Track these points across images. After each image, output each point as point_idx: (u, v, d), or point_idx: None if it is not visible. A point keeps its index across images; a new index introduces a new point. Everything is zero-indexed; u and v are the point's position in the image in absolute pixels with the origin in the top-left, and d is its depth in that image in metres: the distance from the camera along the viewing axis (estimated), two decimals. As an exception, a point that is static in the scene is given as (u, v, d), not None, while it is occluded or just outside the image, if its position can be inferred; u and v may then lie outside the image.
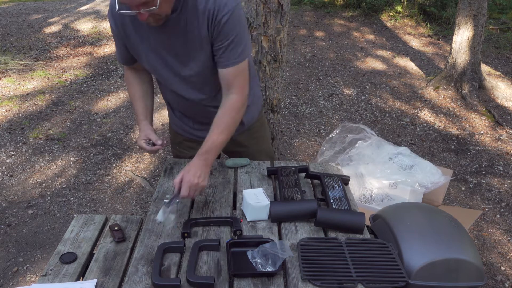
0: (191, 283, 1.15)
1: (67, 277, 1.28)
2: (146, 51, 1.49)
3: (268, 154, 1.95)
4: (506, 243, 2.67)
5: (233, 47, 1.43)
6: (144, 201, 2.99)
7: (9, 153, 3.53)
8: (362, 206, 2.26)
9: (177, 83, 1.55)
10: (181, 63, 1.49)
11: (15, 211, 2.87)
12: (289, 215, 1.44)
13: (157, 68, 1.53)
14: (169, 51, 1.47)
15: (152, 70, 1.56)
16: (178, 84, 1.56)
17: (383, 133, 3.99)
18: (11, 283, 2.30)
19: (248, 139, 1.84)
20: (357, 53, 6.19)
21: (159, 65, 1.51)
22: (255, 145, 1.89)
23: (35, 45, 6.24)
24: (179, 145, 1.87)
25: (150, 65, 1.54)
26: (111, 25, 1.49)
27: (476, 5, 4.46)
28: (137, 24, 1.43)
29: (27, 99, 4.50)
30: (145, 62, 1.53)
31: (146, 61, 1.53)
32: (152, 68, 1.54)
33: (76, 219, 1.57)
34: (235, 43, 1.42)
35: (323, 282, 1.18)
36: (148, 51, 1.48)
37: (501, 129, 4.05)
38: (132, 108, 4.39)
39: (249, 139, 1.84)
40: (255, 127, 1.85)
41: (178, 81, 1.55)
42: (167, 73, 1.53)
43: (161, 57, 1.49)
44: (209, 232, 1.39)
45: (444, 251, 1.34)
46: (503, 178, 3.33)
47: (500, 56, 6.08)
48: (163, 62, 1.50)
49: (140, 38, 1.46)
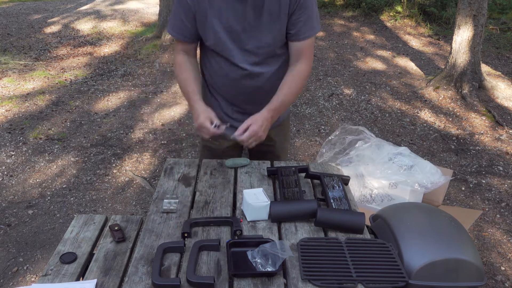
0: (191, 283, 1.15)
1: (67, 277, 1.28)
2: (214, 22, 1.50)
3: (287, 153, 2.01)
4: (506, 243, 2.67)
5: (309, 21, 1.52)
6: (144, 201, 2.99)
7: (9, 153, 3.53)
8: (362, 206, 2.26)
9: (239, 53, 1.56)
10: (250, 36, 1.52)
11: (15, 211, 2.87)
12: (289, 215, 1.44)
13: (222, 39, 1.53)
14: (240, 22, 1.49)
15: (215, 41, 1.55)
16: (240, 55, 1.56)
17: (383, 133, 3.99)
18: (11, 283, 2.30)
19: (277, 135, 1.86)
20: (357, 53, 6.19)
21: (224, 36, 1.52)
22: (281, 142, 1.93)
23: (35, 45, 6.24)
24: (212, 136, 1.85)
25: (214, 36, 1.53)
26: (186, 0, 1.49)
27: (476, 5, 4.46)
28: None
29: (27, 99, 4.50)
30: (209, 34, 1.53)
31: (211, 33, 1.52)
32: (215, 38, 1.53)
33: (76, 219, 1.57)
34: (311, 17, 1.52)
35: (323, 282, 1.18)
36: (216, 22, 1.50)
37: (501, 129, 4.05)
38: (131, 108, 4.39)
39: (278, 135, 1.87)
40: (285, 123, 1.91)
41: (241, 52, 1.56)
42: (231, 43, 1.54)
43: (229, 27, 1.50)
44: (209, 232, 1.39)
45: (444, 251, 1.34)
46: (503, 178, 3.34)
47: (500, 56, 6.08)
48: (230, 33, 1.52)
49: (212, 9, 1.48)
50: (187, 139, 3.83)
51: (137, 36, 6.70)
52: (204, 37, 1.58)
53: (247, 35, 1.53)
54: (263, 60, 1.59)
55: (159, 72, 5.41)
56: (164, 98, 4.67)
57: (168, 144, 3.73)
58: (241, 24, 1.50)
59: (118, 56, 5.91)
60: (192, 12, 1.52)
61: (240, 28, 1.51)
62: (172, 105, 4.51)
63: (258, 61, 1.59)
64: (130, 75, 5.27)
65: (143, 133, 3.92)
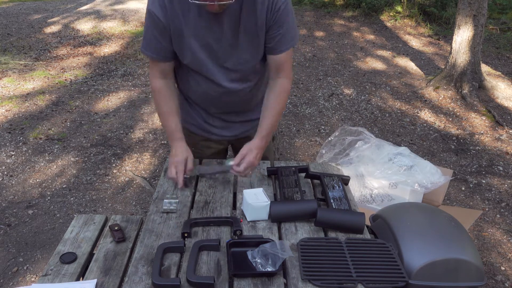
0: (191, 283, 1.15)
1: (67, 277, 1.28)
2: (191, 41, 1.47)
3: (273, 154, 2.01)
4: (506, 243, 2.67)
5: (287, 34, 1.50)
6: (144, 201, 2.99)
7: (9, 153, 3.53)
8: (362, 206, 2.26)
9: (218, 71, 1.54)
10: (229, 54, 1.50)
11: (15, 211, 2.87)
12: (289, 215, 1.44)
13: (200, 57, 1.50)
14: (218, 40, 1.47)
15: (192, 59, 1.52)
16: (219, 73, 1.55)
17: (383, 133, 3.99)
18: (11, 283, 2.30)
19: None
20: (357, 53, 6.19)
21: (202, 54, 1.50)
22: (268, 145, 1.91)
23: (35, 45, 6.24)
24: (195, 146, 1.83)
25: (191, 55, 1.50)
26: (157, 17, 1.44)
27: (476, 5, 4.46)
28: (187, 16, 1.43)
29: (27, 99, 4.50)
30: (186, 52, 1.50)
31: (188, 52, 1.50)
32: (193, 57, 1.51)
33: (76, 219, 1.57)
34: (289, 30, 1.50)
35: (323, 282, 1.18)
36: (193, 41, 1.47)
37: (501, 129, 4.05)
38: (131, 108, 4.39)
39: None
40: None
41: (220, 70, 1.54)
42: (209, 62, 1.52)
43: (207, 46, 1.48)
44: (209, 232, 1.39)
45: (444, 251, 1.34)
46: (503, 178, 3.33)
47: (500, 56, 6.08)
48: (208, 51, 1.50)
49: (188, 28, 1.45)
50: (187, 139, 3.83)
51: (137, 36, 6.70)
52: (181, 56, 1.53)
53: (225, 53, 1.50)
54: (242, 76, 1.58)
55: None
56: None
57: (168, 144, 3.73)
58: (219, 43, 1.48)
59: (118, 56, 5.91)
60: (167, 30, 1.46)
61: (218, 46, 1.48)
62: (172, 105, 4.50)
63: (237, 77, 1.57)
64: (130, 75, 5.27)
65: (143, 133, 3.92)
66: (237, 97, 1.63)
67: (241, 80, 1.59)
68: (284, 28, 1.48)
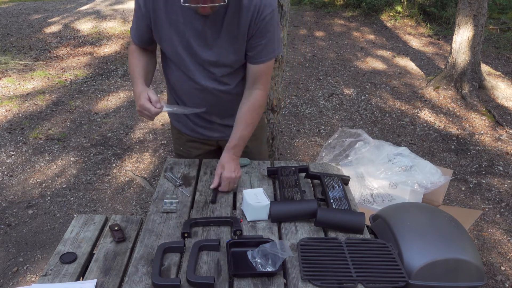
0: (191, 283, 1.15)
1: (67, 277, 1.27)
2: (171, 35, 1.48)
3: (266, 155, 1.98)
4: (506, 243, 2.67)
5: (269, 45, 1.49)
6: (144, 201, 2.99)
7: (9, 153, 3.53)
8: (362, 206, 2.26)
9: (196, 69, 1.55)
10: (206, 51, 1.50)
11: (15, 211, 2.87)
12: (289, 215, 1.44)
13: (179, 52, 1.51)
14: (197, 38, 1.47)
15: (172, 53, 1.54)
16: (196, 70, 1.55)
17: (383, 133, 3.99)
18: (11, 283, 2.30)
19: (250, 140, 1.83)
20: (357, 53, 6.19)
21: (181, 50, 1.51)
22: (256, 146, 1.89)
23: (35, 45, 6.24)
24: (183, 146, 1.86)
25: (171, 49, 1.52)
26: (139, 4, 1.47)
27: (476, 5, 4.46)
28: (170, 9, 1.44)
29: (27, 99, 4.50)
30: (167, 45, 1.52)
31: (168, 45, 1.51)
32: (173, 51, 1.53)
33: (76, 219, 1.57)
34: (271, 41, 1.49)
35: (323, 282, 1.18)
36: (173, 35, 1.48)
37: (501, 129, 4.05)
38: (131, 108, 4.39)
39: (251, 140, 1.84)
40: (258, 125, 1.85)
41: (198, 68, 1.54)
42: (188, 58, 1.53)
43: (186, 42, 1.49)
44: (209, 232, 1.39)
45: (444, 251, 1.34)
46: (503, 178, 3.33)
47: (500, 56, 6.08)
48: (187, 48, 1.50)
49: (169, 22, 1.46)
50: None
51: (137, 36, 6.70)
52: (161, 47, 1.56)
53: (204, 52, 1.50)
54: (219, 77, 1.57)
55: (159, 72, 5.41)
56: (164, 98, 4.64)
57: (168, 144, 3.73)
58: (199, 41, 1.48)
59: (118, 56, 5.91)
60: (146, 22, 1.49)
61: (198, 44, 1.48)
62: (172, 105, 4.51)
63: (213, 77, 1.56)
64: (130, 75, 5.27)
65: (143, 133, 3.92)
66: (215, 98, 1.62)
67: (218, 81, 1.57)
68: (266, 39, 1.47)
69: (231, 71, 1.57)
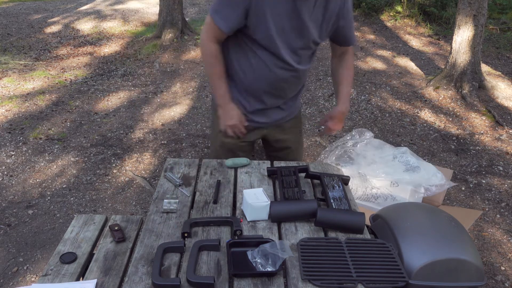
0: (191, 283, 1.15)
1: (67, 277, 1.28)
2: (269, 18, 1.53)
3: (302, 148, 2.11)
4: (506, 243, 2.67)
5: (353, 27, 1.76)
6: (144, 201, 2.99)
7: (9, 153, 3.53)
8: (364, 205, 2.26)
9: (284, 51, 1.62)
10: (297, 34, 1.59)
11: (15, 211, 2.87)
12: (289, 215, 1.44)
13: (273, 35, 1.56)
14: (290, 21, 1.55)
15: (265, 36, 1.57)
16: (285, 52, 1.62)
17: (383, 133, 3.99)
18: (11, 283, 2.30)
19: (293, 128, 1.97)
20: (357, 53, 6.19)
21: (275, 33, 1.56)
22: (298, 135, 2.02)
23: (35, 45, 6.24)
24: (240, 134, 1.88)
25: (266, 32, 1.56)
26: None
27: (476, 5, 4.46)
28: None
29: (27, 99, 4.50)
30: (262, 28, 1.55)
31: (263, 27, 1.55)
32: (267, 34, 1.56)
33: (76, 219, 1.57)
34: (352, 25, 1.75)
35: (323, 282, 1.18)
36: (271, 18, 1.53)
37: (501, 129, 4.05)
38: (131, 108, 4.39)
39: (294, 128, 1.98)
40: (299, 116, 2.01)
41: (286, 50, 1.62)
42: (280, 42, 1.59)
43: (281, 25, 1.55)
44: (209, 232, 1.39)
45: (444, 251, 1.34)
46: (503, 178, 3.33)
47: (500, 56, 6.08)
48: (281, 30, 1.56)
49: (269, 10, 1.52)
50: (187, 139, 3.83)
51: (137, 36, 6.70)
52: (254, 31, 1.57)
53: (294, 35, 1.59)
54: (302, 58, 1.69)
55: (159, 72, 5.41)
56: (164, 98, 4.67)
57: (168, 144, 3.73)
58: (290, 22, 1.55)
59: (118, 56, 5.91)
60: (246, 8, 1.52)
61: (290, 27, 1.56)
62: (172, 105, 4.51)
63: (298, 59, 1.67)
64: (130, 75, 5.27)
65: (143, 133, 3.92)
66: (292, 78, 1.72)
67: (301, 62, 1.69)
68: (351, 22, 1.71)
69: (312, 53, 1.73)
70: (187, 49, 6.08)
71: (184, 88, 4.96)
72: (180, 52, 5.98)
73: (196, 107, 4.47)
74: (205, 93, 4.82)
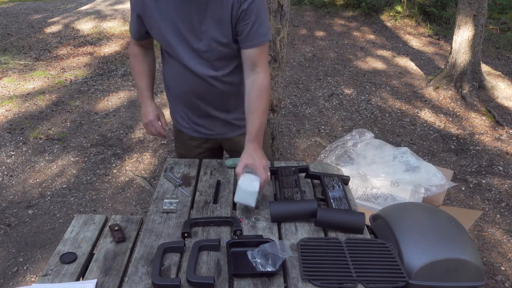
0: (191, 283, 1.15)
1: (67, 277, 1.27)
2: (161, 23, 1.52)
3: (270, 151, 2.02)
4: (506, 243, 2.67)
5: (258, 27, 1.49)
6: (144, 201, 2.99)
7: (9, 153, 3.53)
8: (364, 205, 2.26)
9: (188, 56, 1.56)
10: (196, 36, 1.52)
11: (15, 211, 2.87)
12: (289, 215, 1.44)
13: (170, 40, 1.54)
14: (186, 24, 1.50)
15: (164, 42, 1.57)
16: (189, 57, 1.56)
17: (383, 133, 3.99)
18: (11, 283, 2.30)
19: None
20: (357, 53, 6.19)
21: (173, 38, 1.53)
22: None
23: (35, 45, 6.24)
24: (183, 144, 1.87)
25: (163, 38, 1.55)
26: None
27: (476, 5, 4.46)
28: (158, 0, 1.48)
29: (27, 99, 4.50)
30: (158, 34, 1.56)
31: (159, 33, 1.55)
32: (164, 40, 1.56)
33: (76, 219, 1.57)
34: (260, 23, 1.49)
35: (323, 282, 1.18)
36: (163, 23, 1.51)
37: (501, 129, 4.05)
38: (131, 108, 4.39)
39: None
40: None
41: (190, 54, 1.55)
42: (180, 46, 1.55)
43: (176, 29, 1.51)
44: (209, 232, 1.39)
45: (444, 251, 1.34)
46: (503, 178, 3.33)
47: (500, 56, 6.08)
48: (178, 35, 1.53)
49: (158, 10, 1.50)
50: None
51: (137, 36, 6.70)
52: (154, 37, 1.61)
53: (193, 38, 1.52)
54: (210, 62, 1.57)
55: (158, 72, 5.41)
56: (164, 98, 4.67)
57: (168, 144, 3.73)
58: (187, 26, 1.50)
59: (118, 56, 5.91)
60: (137, 13, 1.55)
61: (186, 29, 1.51)
62: (172, 105, 4.51)
63: (205, 63, 1.57)
64: (130, 75, 5.27)
65: (143, 133, 3.92)
66: (209, 87, 1.61)
67: (210, 66, 1.57)
68: (253, 21, 1.47)
69: (222, 55, 1.56)
70: (187, 49, 6.08)
71: (184, 88, 4.96)
72: (180, 52, 5.98)
73: (196, 107, 4.47)
74: (205, 93, 4.81)
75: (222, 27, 1.49)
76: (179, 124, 1.83)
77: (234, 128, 1.77)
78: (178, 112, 1.79)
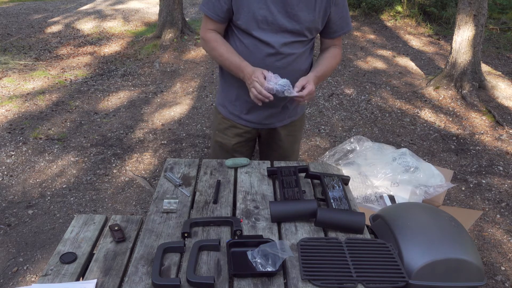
0: (191, 283, 1.15)
1: (67, 277, 1.27)
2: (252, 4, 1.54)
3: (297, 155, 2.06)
4: (506, 243, 2.67)
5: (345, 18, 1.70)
6: (144, 201, 2.99)
7: (9, 153, 3.53)
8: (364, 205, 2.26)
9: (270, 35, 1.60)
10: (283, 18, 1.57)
11: (15, 211, 2.87)
12: (289, 215, 1.44)
13: (258, 20, 1.56)
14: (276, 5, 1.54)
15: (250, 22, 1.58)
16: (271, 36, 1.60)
17: (383, 133, 3.99)
18: (11, 283, 2.30)
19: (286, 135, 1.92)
20: (358, 52, 6.19)
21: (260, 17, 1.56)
22: (291, 145, 1.98)
23: (35, 45, 6.24)
24: (224, 131, 1.89)
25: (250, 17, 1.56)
26: None
27: (476, 5, 4.46)
28: None
29: (27, 99, 4.50)
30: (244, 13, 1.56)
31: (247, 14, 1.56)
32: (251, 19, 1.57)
33: (76, 219, 1.57)
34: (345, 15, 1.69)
35: (323, 282, 1.18)
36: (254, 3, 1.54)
37: (501, 129, 4.05)
38: (131, 108, 4.39)
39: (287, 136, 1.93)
40: (297, 124, 1.96)
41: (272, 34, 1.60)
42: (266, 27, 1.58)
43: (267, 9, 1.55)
44: (209, 232, 1.39)
45: (444, 251, 1.34)
46: (503, 178, 3.33)
47: (500, 56, 6.08)
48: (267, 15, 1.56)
49: None
50: (187, 139, 3.83)
51: (138, 36, 6.70)
52: (237, 14, 1.59)
53: (281, 17, 1.57)
54: (291, 42, 1.63)
55: (159, 72, 5.41)
56: (164, 98, 4.67)
57: (168, 144, 3.73)
58: (277, 7, 1.55)
59: (118, 56, 5.91)
60: None
61: (276, 9, 1.55)
62: (172, 105, 4.51)
63: (286, 42, 1.62)
64: (130, 75, 5.28)
65: (143, 133, 3.92)
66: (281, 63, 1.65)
67: (289, 45, 1.63)
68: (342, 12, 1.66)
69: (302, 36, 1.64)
70: (187, 49, 6.08)
71: (184, 88, 4.96)
72: (180, 52, 5.98)
73: (196, 107, 4.47)
74: (205, 93, 4.82)
75: (313, 14, 1.59)
76: (223, 110, 1.86)
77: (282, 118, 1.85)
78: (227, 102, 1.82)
